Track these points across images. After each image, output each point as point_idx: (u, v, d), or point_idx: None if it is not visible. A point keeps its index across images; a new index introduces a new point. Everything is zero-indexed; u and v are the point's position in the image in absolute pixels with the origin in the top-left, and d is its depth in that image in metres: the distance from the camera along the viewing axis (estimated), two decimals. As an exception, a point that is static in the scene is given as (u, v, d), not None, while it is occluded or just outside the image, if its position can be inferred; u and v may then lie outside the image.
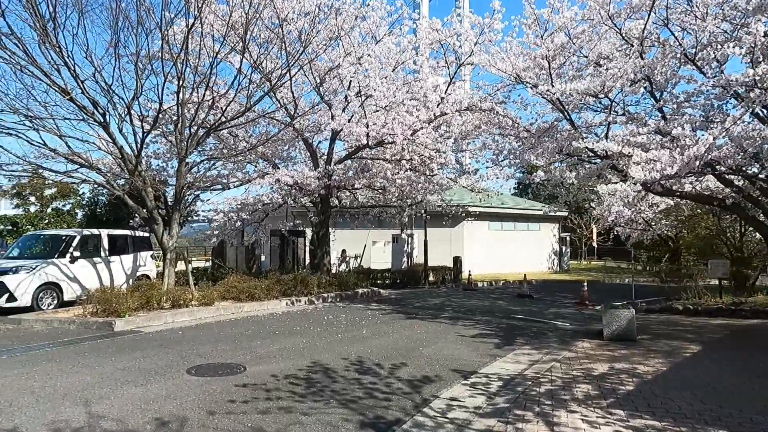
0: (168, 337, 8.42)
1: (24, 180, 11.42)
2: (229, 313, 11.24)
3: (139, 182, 11.03)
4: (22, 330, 9.24)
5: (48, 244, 12.77)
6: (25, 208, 21.99)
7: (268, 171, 15.32)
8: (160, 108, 10.45)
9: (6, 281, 10.95)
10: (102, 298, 9.83)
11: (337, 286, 14.73)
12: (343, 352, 7.41)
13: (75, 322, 9.47)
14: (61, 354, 7.14)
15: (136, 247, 14.14)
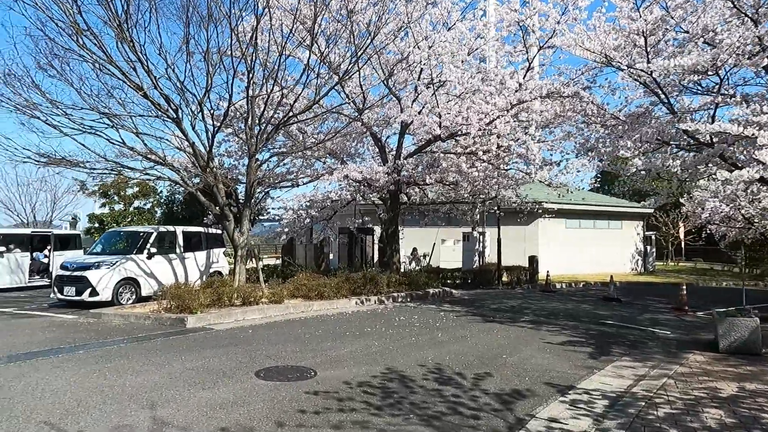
0: (238, 336, 8.21)
1: (107, 179, 11.73)
2: (298, 312, 10.98)
3: (211, 178, 11.01)
4: (101, 324, 9.40)
5: (127, 240, 13.15)
6: (110, 206, 23.26)
7: (337, 167, 15.04)
8: (230, 103, 10.35)
9: (89, 276, 11.31)
10: (176, 294, 9.84)
11: (407, 285, 14.18)
12: (419, 357, 6.81)
13: (150, 318, 9.52)
14: (134, 350, 7.06)
15: (209, 244, 14.30)
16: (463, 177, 13.80)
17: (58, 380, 5.51)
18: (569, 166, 11.63)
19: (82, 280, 11.31)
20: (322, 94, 12.64)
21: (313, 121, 15.16)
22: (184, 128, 10.40)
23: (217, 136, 11.01)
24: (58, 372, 5.85)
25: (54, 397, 4.91)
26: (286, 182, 15.64)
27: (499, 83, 11.36)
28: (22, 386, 5.26)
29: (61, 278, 11.68)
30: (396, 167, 14.11)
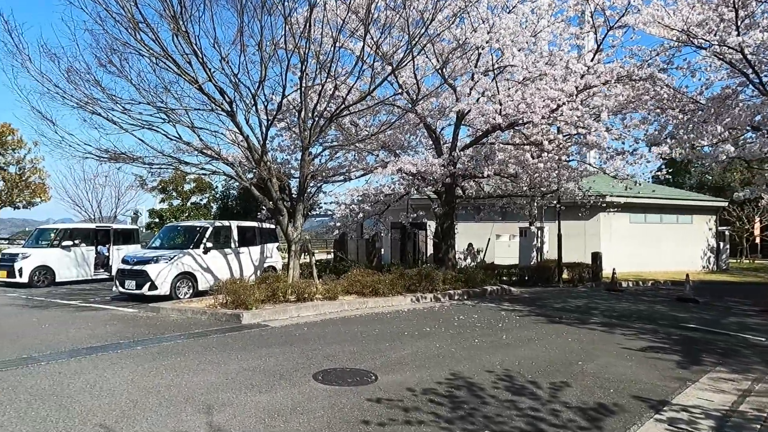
0: (293, 334, 7.97)
1: (165, 175, 11.84)
2: (353, 309, 10.68)
3: (265, 172, 10.87)
4: (159, 319, 9.43)
5: (184, 235, 13.29)
6: (168, 202, 23.94)
7: (390, 160, 14.66)
8: (283, 95, 10.13)
9: (148, 270, 11.45)
10: (231, 290, 9.75)
11: (464, 282, 13.63)
12: (486, 362, 6.31)
13: (206, 313, 9.47)
14: (190, 347, 6.93)
15: (263, 239, 14.28)
16: (523, 169, 13.08)
17: (115, 378, 5.39)
18: (642, 155, 10.73)
19: (142, 274, 11.47)
20: (376, 85, 12.22)
21: (365, 113, 14.84)
22: (238, 121, 10.29)
23: (269, 130, 10.83)
24: (115, 369, 5.76)
25: (110, 397, 4.76)
26: (338, 176, 15.43)
27: (564, 67, 10.58)
28: (81, 384, 5.17)
29: (123, 272, 11.91)
30: (451, 159, 13.57)
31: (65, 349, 6.77)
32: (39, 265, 15.07)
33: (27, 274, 14.77)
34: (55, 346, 6.90)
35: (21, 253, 15.13)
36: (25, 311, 10.31)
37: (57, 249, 15.66)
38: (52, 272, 15.36)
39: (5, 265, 15.03)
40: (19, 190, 23.58)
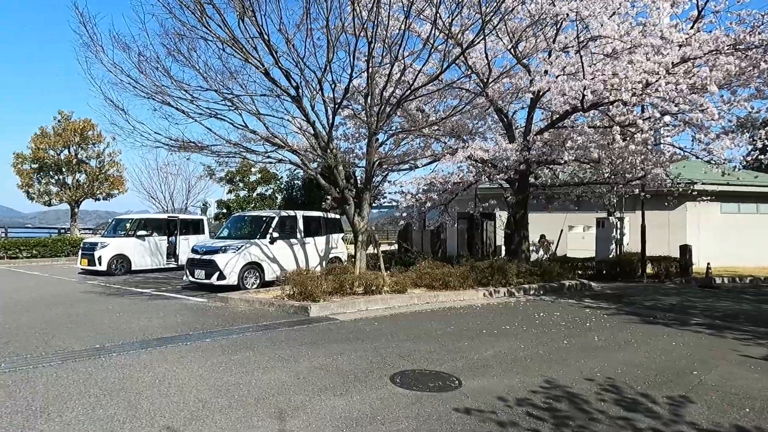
0: (363, 329, 7.53)
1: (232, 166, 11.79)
2: (422, 303, 10.14)
3: (331, 159, 10.50)
4: (228, 309, 9.31)
5: (251, 225, 13.23)
6: (235, 193, 24.41)
7: (458, 147, 13.93)
8: (351, 77, 9.66)
9: (216, 260, 11.44)
10: (298, 281, 9.47)
11: (539, 276, 12.74)
12: (582, 368, 5.57)
13: (273, 305, 9.24)
14: (259, 341, 6.64)
15: (328, 229, 14.01)
16: (607, 153, 11.96)
17: (183, 373, 5.14)
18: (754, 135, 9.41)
19: (211, 263, 11.48)
20: (445, 66, 11.52)
21: (432, 97, 14.18)
22: (305, 107, 9.94)
23: (336, 115, 10.40)
24: (184, 363, 5.52)
25: (179, 395, 4.48)
26: (404, 164, 14.88)
27: (659, 37, 9.43)
28: (150, 379, 4.94)
29: (192, 261, 11.99)
30: (526, 144, 12.67)
31: (136, 339, 6.67)
32: (116, 254, 15.60)
33: (106, 262, 15.33)
34: (127, 336, 6.82)
35: (100, 242, 15.73)
36: (102, 299, 10.55)
37: (132, 238, 16.17)
38: (128, 261, 15.88)
39: (87, 254, 15.69)
40: (99, 183, 24.82)
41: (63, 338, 6.67)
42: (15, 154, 23.77)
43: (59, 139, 23.65)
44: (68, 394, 4.45)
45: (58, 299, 10.31)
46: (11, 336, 6.78)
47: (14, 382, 4.76)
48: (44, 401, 4.28)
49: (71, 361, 5.51)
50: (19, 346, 6.23)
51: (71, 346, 6.22)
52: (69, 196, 24.23)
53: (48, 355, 5.80)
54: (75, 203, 24.62)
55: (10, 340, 6.50)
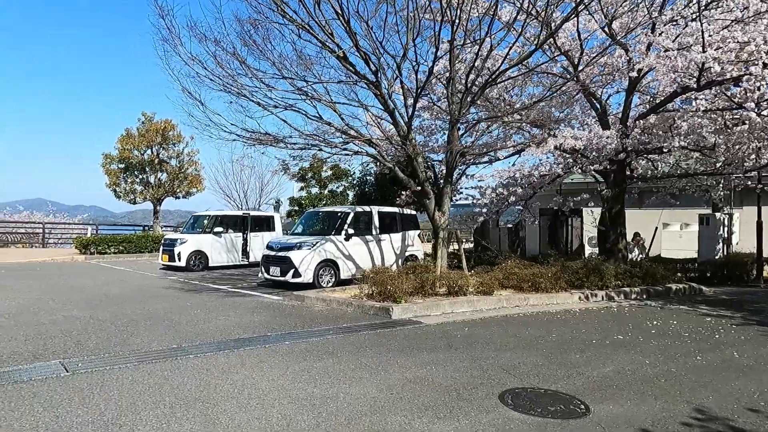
0: (453, 335, 6.76)
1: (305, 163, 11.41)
2: (512, 306, 9.22)
3: (410, 149, 9.80)
4: (304, 309, 8.85)
5: (325, 221, 12.82)
6: (307, 190, 24.40)
7: (544, 136, 12.81)
8: (436, 57, 8.89)
9: (292, 257, 11.09)
10: (377, 280, 8.85)
11: (641, 278, 11.39)
12: (735, 393, 4.50)
13: (352, 305, 8.68)
14: (341, 346, 6.05)
15: (404, 225, 13.35)
16: (725, 138, 10.44)
17: (264, 382, 4.62)
18: None
19: (286, 260, 11.15)
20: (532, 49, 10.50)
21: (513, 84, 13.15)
22: (383, 93, 9.30)
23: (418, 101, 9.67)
24: (264, 369, 5.02)
25: (260, 409, 3.93)
26: (483, 156, 13.93)
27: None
28: (228, 387, 4.45)
29: (267, 258, 11.73)
30: (624, 131, 11.37)
31: (214, 339, 6.29)
32: (194, 250, 15.80)
33: (184, 258, 15.55)
34: (205, 336, 6.47)
35: (179, 239, 15.99)
36: (181, 294, 10.48)
37: (209, 235, 16.33)
38: (205, 257, 16.05)
39: (167, 250, 16.01)
40: (179, 181, 25.67)
41: (141, 336, 6.42)
42: (104, 154, 25.06)
43: (143, 140, 24.66)
44: (142, 403, 4.03)
45: (139, 295, 10.34)
46: (93, 332, 6.62)
47: (89, 386, 4.43)
48: (117, 410, 3.87)
49: (148, 363, 5.17)
50: (99, 343, 6.02)
51: (149, 345, 5.92)
52: (152, 194, 25.22)
53: (125, 354, 5.51)
54: (157, 201, 25.59)
55: (90, 337, 6.32)
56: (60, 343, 5.95)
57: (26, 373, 4.78)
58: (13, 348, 5.71)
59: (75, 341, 6.06)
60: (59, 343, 5.95)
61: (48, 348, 5.73)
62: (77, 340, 6.10)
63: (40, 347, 5.76)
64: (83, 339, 6.18)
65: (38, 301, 9.29)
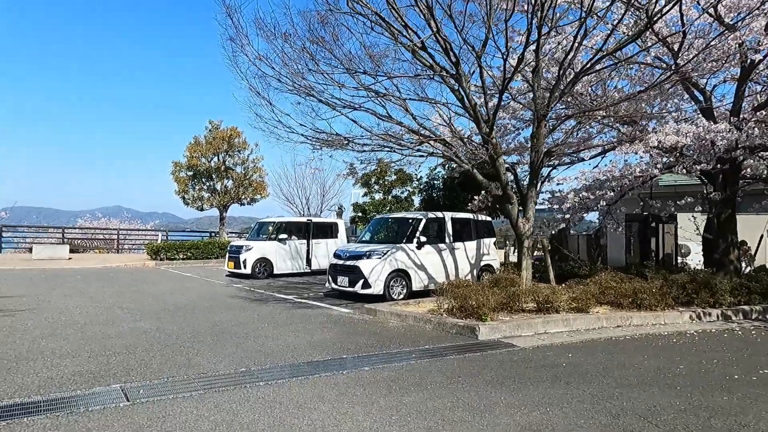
0: (557, 363, 5.76)
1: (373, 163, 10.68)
2: (612, 326, 8.05)
3: (492, 149, 8.87)
4: (378, 324, 8.10)
5: (395, 228, 12.07)
6: (371, 195, 23.84)
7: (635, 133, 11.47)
8: (527, 43, 7.91)
9: (361, 266, 10.41)
10: (458, 294, 7.97)
11: (761, 295, 9.82)
12: None
13: (431, 322, 7.83)
14: (429, 375, 5.21)
15: (479, 233, 12.36)
16: None
17: (347, 422, 3.86)
18: None
19: (355, 270, 10.48)
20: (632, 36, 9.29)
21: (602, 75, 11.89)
22: (464, 87, 8.42)
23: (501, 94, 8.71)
24: (345, 405, 4.26)
25: (348, 466, 3.17)
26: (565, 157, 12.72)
27: None
28: (306, 428, 3.73)
29: (335, 267, 11.11)
30: (737, 125, 9.90)
31: (285, 361, 5.64)
32: (259, 257, 15.53)
33: (250, 265, 15.31)
34: (274, 356, 5.84)
35: (245, 246, 15.78)
36: (247, 305, 10.04)
37: (274, 242, 16.03)
38: (270, 264, 15.74)
39: (233, 257, 15.84)
40: (244, 188, 25.88)
41: (206, 355, 5.88)
42: (173, 162, 25.67)
43: (210, 147, 25.04)
44: (208, 448, 3.37)
45: (205, 304, 10.00)
46: (158, 349, 6.16)
47: (149, 421, 3.84)
48: (179, 458, 3.23)
49: (214, 391, 4.56)
50: (163, 362, 5.52)
51: (215, 367, 5.35)
52: (218, 201, 25.55)
53: (190, 379, 4.94)
54: (223, 208, 25.90)
55: (155, 355, 5.85)
56: (123, 362, 5.50)
57: (84, 401, 4.29)
58: (75, 367, 5.30)
59: (139, 360, 5.59)
60: (123, 362, 5.49)
61: (110, 368, 5.27)
62: (141, 359, 5.63)
63: (102, 366, 5.32)
64: (147, 357, 5.71)
65: (107, 310, 9.10)
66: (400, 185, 22.68)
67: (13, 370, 5.13)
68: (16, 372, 5.06)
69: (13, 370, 5.11)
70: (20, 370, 5.11)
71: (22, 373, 5.04)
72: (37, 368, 5.22)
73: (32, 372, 5.08)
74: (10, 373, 5.01)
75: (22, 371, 5.09)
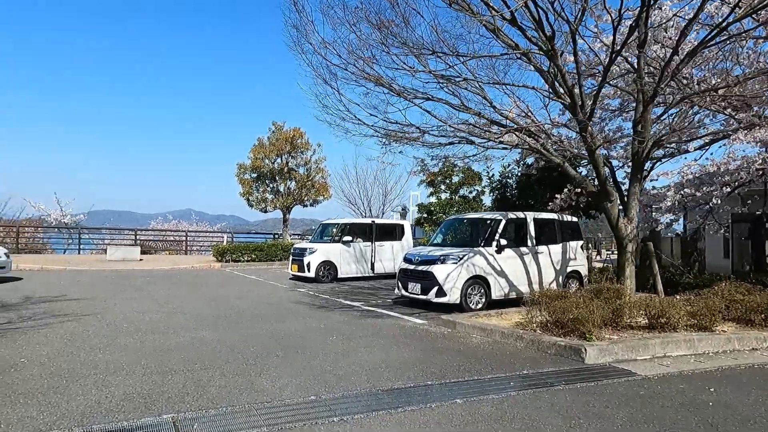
0: (700, 401, 4.54)
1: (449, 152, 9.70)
2: (747, 349, 6.66)
3: (590, 139, 7.65)
4: (460, 340, 7.11)
5: (471, 230, 11.03)
6: (437, 195, 22.83)
7: (753, 120, 9.80)
8: (646, 9, 6.65)
9: (435, 272, 9.44)
10: (554, 307, 6.83)
11: None
12: None
13: (522, 338, 6.74)
14: (540, 414, 4.17)
15: (564, 236, 11.07)
16: None
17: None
18: None
19: (428, 276, 9.54)
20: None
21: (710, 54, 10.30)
22: (560, 64, 7.27)
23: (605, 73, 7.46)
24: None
25: None
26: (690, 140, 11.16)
27: None
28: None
29: (405, 272, 10.22)
30: None
31: (360, 388, 4.78)
32: (324, 261, 14.94)
33: (314, 269, 14.75)
34: (348, 381, 5.01)
35: (309, 248, 15.25)
36: (312, 312, 9.35)
37: (338, 244, 15.39)
38: (334, 268, 15.12)
39: (297, 260, 15.35)
40: (306, 190, 25.62)
41: (271, 375, 5.14)
42: (238, 164, 25.81)
43: (273, 149, 24.96)
44: None
45: (269, 311, 9.40)
46: (218, 366, 5.50)
47: (202, 472, 3.08)
48: None
49: (279, 429, 3.76)
50: (222, 385, 4.82)
51: (279, 394, 4.57)
52: (281, 202, 25.42)
53: (251, 408, 4.18)
54: (286, 209, 25.75)
55: (214, 374, 5.17)
56: (179, 383, 4.85)
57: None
58: (127, 387, 4.70)
59: (196, 381, 4.92)
60: (178, 383, 4.84)
61: (164, 390, 4.63)
62: (199, 380, 4.96)
63: (156, 387, 4.69)
64: (206, 378, 5.03)
65: (169, 315, 8.68)
66: (468, 185, 21.49)
67: (61, 390, 4.59)
68: (63, 393, 4.51)
69: (60, 391, 4.57)
70: (68, 391, 4.56)
71: (69, 394, 4.48)
72: (87, 388, 4.66)
73: (80, 393, 4.51)
74: (57, 395, 4.46)
75: (69, 392, 4.54)
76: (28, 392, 4.50)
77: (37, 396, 4.41)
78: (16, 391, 4.51)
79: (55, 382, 4.80)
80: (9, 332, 7.00)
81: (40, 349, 6.10)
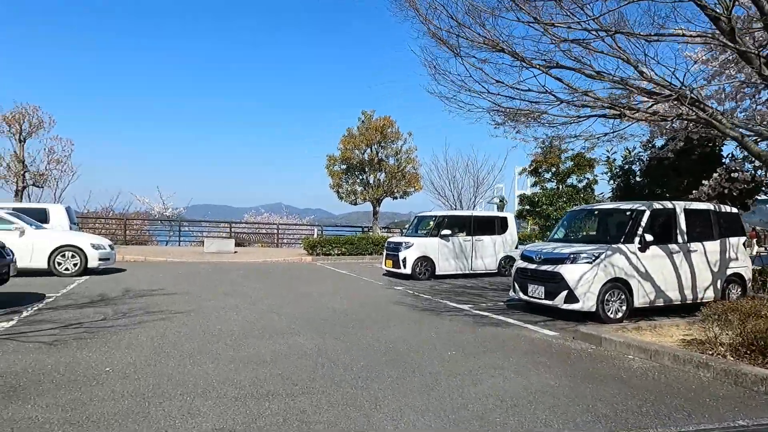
0: None
1: (570, 142, 8.09)
2: None
3: None
4: (614, 363, 5.60)
5: (604, 223, 9.32)
6: (541, 185, 20.85)
7: None
8: None
9: (564, 274, 7.90)
10: (753, 328, 5.12)
11: None
12: None
13: (708, 366, 5.10)
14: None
15: (721, 231, 9.02)
16: None
17: None
18: None
19: (555, 278, 8.02)
20: None
21: None
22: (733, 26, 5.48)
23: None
24: None
25: None
26: None
27: None
28: None
29: (524, 273, 8.75)
30: None
31: (511, 435, 3.53)
32: (420, 256, 13.80)
33: (410, 265, 13.65)
34: (487, 422, 3.78)
35: (404, 242, 14.18)
36: (418, 316, 8.22)
37: (435, 239, 14.16)
38: (432, 264, 13.93)
39: (391, 255, 14.35)
40: (397, 181, 24.63)
41: (390, 409, 4.02)
42: (327, 156, 25.37)
43: (363, 139, 24.21)
44: None
45: (369, 312, 8.40)
46: (322, 388, 4.49)
47: None
48: None
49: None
50: (331, 416, 3.78)
51: (406, 439, 3.44)
52: (371, 194, 24.65)
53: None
54: (376, 201, 24.95)
55: (320, 401, 4.16)
56: (278, 414, 3.87)
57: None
58: (216, 418, 3.79)
59: (299, 412, 3.92)
60: (277, 414, 3.87)
61: (261, 426, 3.66)
62: (302, 410, 3.96)
63: (249, 419, 3.74)
64: (310, 408, 4.02)
65: (264, 315, 7.93)
66: (578, 172, 19.33)
67: (141, 417, 3.77)
68: (141, 422, 3.68)
69: (139, 418, 3.74)
70: (147, 419, 3.73)
71: (148, 423, 3.64)
72: (171, 415, 3.81)
73: (161, 422, 3.66)
74: (135, 424, 3.64)
75: (148, 420, 3.70)
76: (101, 418, 3.72)
77: (111, 424, 3.61)
78: (89, 417, 3.75)
79: (135, 405, 4.01)
80: (101, 331, 6.53)
81: (128, 354, 5.46)
